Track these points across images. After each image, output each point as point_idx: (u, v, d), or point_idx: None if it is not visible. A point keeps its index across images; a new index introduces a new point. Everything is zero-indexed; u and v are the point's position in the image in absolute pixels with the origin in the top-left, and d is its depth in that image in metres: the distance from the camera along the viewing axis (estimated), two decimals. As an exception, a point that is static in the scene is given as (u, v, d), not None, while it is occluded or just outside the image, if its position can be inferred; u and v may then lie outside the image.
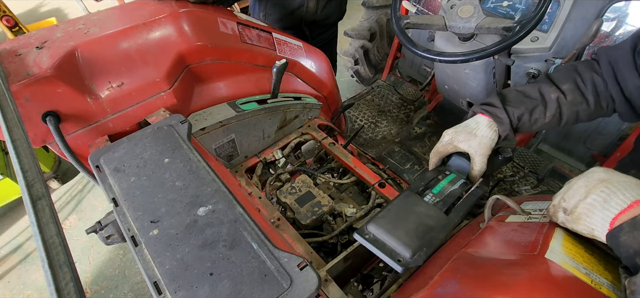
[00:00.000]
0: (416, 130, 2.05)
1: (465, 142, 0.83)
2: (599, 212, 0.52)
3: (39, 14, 4.41)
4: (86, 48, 0.93)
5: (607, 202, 0.52)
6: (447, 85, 1.70)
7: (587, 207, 0.54)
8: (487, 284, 0.54)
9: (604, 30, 1.27)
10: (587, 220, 0.53)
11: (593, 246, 0.57)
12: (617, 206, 0.50)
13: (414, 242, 0.69)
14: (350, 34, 2.41)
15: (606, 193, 0.52)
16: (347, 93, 2.94)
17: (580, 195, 0.56)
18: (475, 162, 0.83)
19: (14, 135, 0.60)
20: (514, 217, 0.74)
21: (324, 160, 1.35)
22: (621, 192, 0.51)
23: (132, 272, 2.00)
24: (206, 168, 0.78)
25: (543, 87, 0.84)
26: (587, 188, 0.55)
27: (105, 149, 0.84)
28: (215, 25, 1.17)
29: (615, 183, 0.53)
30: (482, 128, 0.83)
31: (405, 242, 0.68)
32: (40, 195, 0.51)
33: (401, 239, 0.69)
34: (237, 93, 1.23)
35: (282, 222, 1.01)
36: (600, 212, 0.52)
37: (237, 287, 0.58)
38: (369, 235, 0.72)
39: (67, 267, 0.44)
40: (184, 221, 0.68)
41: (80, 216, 2.32)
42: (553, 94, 0.83)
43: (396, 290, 0.79)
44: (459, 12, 1.18)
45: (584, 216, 0.54)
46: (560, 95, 0.82)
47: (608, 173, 0.56)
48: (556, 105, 0.83)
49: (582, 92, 0.81)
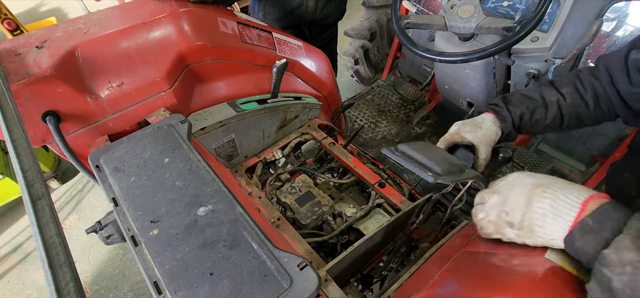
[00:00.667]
0: (416, 130, 2.05)
1: (471, 132, 0.88)
2: (552, 220, 0.51)
3: (39, 14, 4.40)
4: (86, 47, 0.92)
5: (556, 208, 0.50)
6: (447, 85, 1.70)
7: (538, 217, 0.52)
8: (487, 284, 0.54)
9: (604, 30, 1.26)
10: (542, 231, 0.52)
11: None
12: (569, 211, 0.50)
13: (443, 165, 0.72)
14: (350, 34, 2.41)
15: (550, 198, 0.51)
16: (347, 93, 2.94)
17: (522, 205, 0.54)
18: (480, 151, 0.87)
19: (13, 135, 0.60)
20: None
21: (324, 160, 1.35)
22: (564, 194, 0.51)
23: (132, 272, 2.00)
24: (206, 168, 0.78)
25: (544, 90, 0.89)
26: (526, 197, 0.54)
27: (105, 149, 0.84)
28: (216, 24, 1.17)
29: (551, 186, 0.52)
30: (486, 122, 0.89)
31: (436, 162, 0.71)
32: (40, 194, 0.51)
33: (432, 159, 0.71)
34: (237, 93, 1.22)
35: (282, 222, 1.01)
36: (554, 220, 0.50)
37: (237, 287, 0.58)
38: (399, 152, 0.74)
39: (67, 266, 0.44)
40: (184, 221, 0.68)
41: (80, 216, 2.32)
42: (553, 97, 0.87)
43: (396, 289, 0.79)
44: (459, 12, 1.18)
45: (538, 228, 0.52)
46: (560, 98, 0.86)
47: (534, 177, 0.56)
48: (556, 107, 0.87)
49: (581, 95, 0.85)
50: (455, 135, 0.90)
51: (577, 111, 0.86)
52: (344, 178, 1.22)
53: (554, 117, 0.88)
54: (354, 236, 1.04)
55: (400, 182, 1.24)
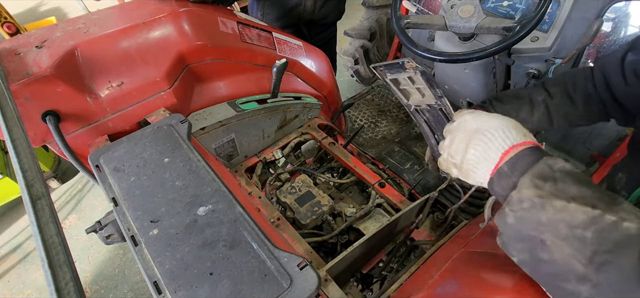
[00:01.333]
0: (416, 130, 2.05)
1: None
2: (482, 164, 0.53)
3: (39, 13, 4.40)
4: (86, 47, 0.92)
5: (486, 152, 0.53)
6: (447, 85, 1.70)
7: (471, 162, 0.55)
8: (487, 284, 0.54)
9: (604, 30, 1.26)
10: (475, 175, 0.55)
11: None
12: (494, 157, 0.51)
13: None
14: (350, 34, 2.41)
15: (483, 142, 0.53)
16: (347, 93, 2.94)
17: (462, 150, 0.57)
18: None
19: (13, 135, 0.60)
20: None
21: (324, 160, 1.35)
22: (495, 139, 0.52)
23: (131, 272, 2.00)
24: (206, 168, 0.78)
25: (532, 90, 0.93)
26: (466, 142, 0.57)
27: (105, 149, 0.84)
28: (215, 24, 1.17)
29: (487, 132, 0.54)
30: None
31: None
32: (39, 194, 0.51)
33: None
34: (237, 92, 1.22)
35: (282, 221, 1.01)
36: (483, 166, 0.53)
37: (237, 287, 0.58)
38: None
39: (67, 266, 0.44)
40: (184, 221, 0.68)
41: (80, 216, 2.32)
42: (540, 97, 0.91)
43: (396, 289, 0.80)
44: (459, 12, 1.18)
45: (472, 172, 0.56)
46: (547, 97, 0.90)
47: (478, 120, 0.57)
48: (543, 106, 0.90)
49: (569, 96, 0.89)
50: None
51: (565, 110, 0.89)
52: (344, 178, 1.22)
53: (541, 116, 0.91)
54: (354, 236, 1.04)
55: (400, 182, 1.24)
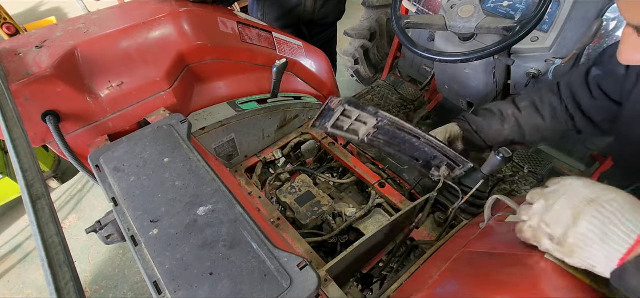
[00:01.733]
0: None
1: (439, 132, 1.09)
2: (599, 246, 0.44)
3: (39, 13, 4.40)
4: (86, 47, 0.92)
5: (606, 234, 0.44)
6: (447, 85, 1.70)
7: (582, 239, 0.45)
8: (487, 284, 0.54)
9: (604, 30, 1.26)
10: (584, 255, 0.46)
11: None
12: (620, 242, 0.43)
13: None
14: (350, 34, 2.41)
15: (600, 221, 0.44)
16: (347, 93, 2.94)
17: (567, 220, 0.48)
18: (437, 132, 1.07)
19: (13, 135, 0.60)
20: (514, 217, 0.74)
21: (324, 160, 1.35)
22: (618, 220, 0.43)
23: (131, 272, 2.00)
24: (206, 168, 0.78)
25: (503, 104, 1.04)
26: (574, 212, 0.47)
27: (105, 149, 0.84)
28: (216, 24, 1.17)
29: (607, 207, 0.45)
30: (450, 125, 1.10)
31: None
32: (39, 194, 0.51)
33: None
34: (237, 92, 1.22)
35: (282, 221, 1.01)
36: (600, 248, 0.44)
37: (237, 287, 0.58)
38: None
39: (67, 266, 0.44)
40: (184, 221, 0.68)
41: (80, 215, 2.32)
42: (510, 111, 1.01)
43: (396, 289, 0.79)
44: (459, 12, 1.18)
45: (580, 250, 0.46)
46: (516, 111, 1.00)
47: (592, 190, 0.48)
48: (513, 119, 1.00)
49: (537, 109, 0.97)
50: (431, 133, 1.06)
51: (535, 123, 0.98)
52: (344, 178, 1.22)
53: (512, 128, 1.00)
54: (354, 236, 1.04)
55: (400, 182, 1.24)
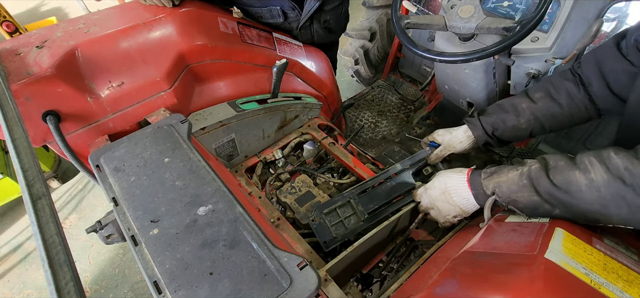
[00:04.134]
0: (416, 130, 2.05)
1: (441, 135, 1.09)
2: (457, 201, 0.86)
3: (39, 13, 4.40)
4: (86, 47, 0.93)
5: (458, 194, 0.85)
6: (447, 85, 1.70)
7: (450, 211, 0.87)
8: (487, 284, 0.54)
9: (604, 30, 1.26)
10: (453, 211, 0.87)
11: (593, 246, 0.57)
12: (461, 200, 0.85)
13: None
14: (350, 34, 2.41)
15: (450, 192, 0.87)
16: (347, 93, 2.94)
17: (441, 207, 0.89)
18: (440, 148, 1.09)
19: (14, 135, 0.60)
20: (514, 217, 0.74)
21: (324, 160, 1.35)
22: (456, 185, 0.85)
23: (132, 272, 2.00)
24: (206, 168, 0.78)
25: (516, 99, 1.00)
26: (442, 200, 0.88)
27: (106, 149, 0.84)
28: (216, 24, 1.17)
29: (449, 183, 0.87)
30: (458, 131, 1.07)
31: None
32: (40, 194, 0.51)
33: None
34: (237, 93, 1.22)
35: (282, 221, 1.01)
36: (458, 201, 0.86)
37: (237, 287, 0.58)
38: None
39: (67, 266, 0.44)
40: (184, 221, 0.68)
41: (80, 215, 2.32)
42: (524, 103, 0.97)
43: (396, 289, 0.79)
44: (459, 12, 1.18)
45: (451, 217, 0.88)
46: (531, 103, 0.96)
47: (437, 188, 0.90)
48: (528, 112, 0.97)
49: (553, 97, 0.94)
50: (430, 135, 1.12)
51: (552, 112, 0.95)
52: (344, 178, 1.22)
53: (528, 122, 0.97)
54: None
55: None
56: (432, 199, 0.90)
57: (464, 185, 0.83)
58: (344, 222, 0.95)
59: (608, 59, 0.85)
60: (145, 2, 1.09)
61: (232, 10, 1.30)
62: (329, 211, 0.96)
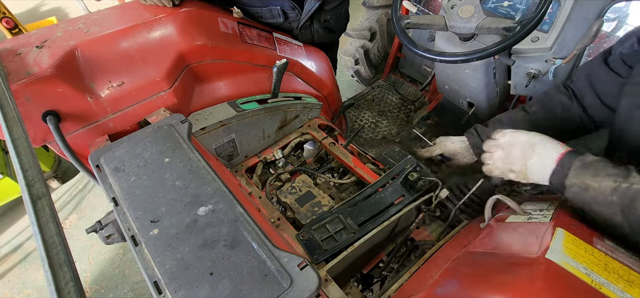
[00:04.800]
0: (416, 130, 2.05)
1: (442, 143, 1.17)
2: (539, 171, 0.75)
3: (39, 13, 4.40)
4: (86, 47, 0.92)
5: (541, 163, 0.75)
6: (447, 85, 1.70)
7: (531, 167, 0.76)
8: (487, 284, 0.54)
9: (604, 30, 1.26)
10: (533, 177, 0.77)
11: (593, 246, 0.57)
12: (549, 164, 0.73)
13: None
14: (351, 34, 2.41)
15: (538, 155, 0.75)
16: (347, 93, 2.94)
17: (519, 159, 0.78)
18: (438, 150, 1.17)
19: (14, 135, 0.60)
20: (514, 217, 0.74)
21: (324, 160, 1.35)
22: (546, 152, 0.74)
23: (132, 272, 2.00)
24: (206, 168, 0.78)
25: (512, 113, 1.06)
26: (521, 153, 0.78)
27: (106, 149, 0.84)
28: (216, 24, 1.17)
29: (537, 145, 0.76)
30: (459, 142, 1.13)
31: None
32: (40, 194, 0.51)
33: None
34: (237, 93, 1.22)
35: (282, 221, 1.01)
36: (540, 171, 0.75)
37: (237, 287, 0.58)
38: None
39: (67, 266, 0.44)
40: (184, 221, 0.68)
41: (80, 215, 2.32)
42: (520, 115, 1.03)
43: (396, 290, 0.79)
44: (459, 12, 1.18)
45: (530, 175, 0.77)
46: (526, 115, 1.02)
47: (525, 134, 0.80)
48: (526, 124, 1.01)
49: (548, 109, 1.00)
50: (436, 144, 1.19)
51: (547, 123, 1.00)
52: (344, 178, 1.22)
53: None
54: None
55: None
56: (510, 142, 0.81)
57: (553, 159, 0.72)
58: (335, 236, 0.93)
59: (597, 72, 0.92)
60: (145, 2, 1.09)
61: (232, 10, 1.30)
62: (317, 227, 0.94)
